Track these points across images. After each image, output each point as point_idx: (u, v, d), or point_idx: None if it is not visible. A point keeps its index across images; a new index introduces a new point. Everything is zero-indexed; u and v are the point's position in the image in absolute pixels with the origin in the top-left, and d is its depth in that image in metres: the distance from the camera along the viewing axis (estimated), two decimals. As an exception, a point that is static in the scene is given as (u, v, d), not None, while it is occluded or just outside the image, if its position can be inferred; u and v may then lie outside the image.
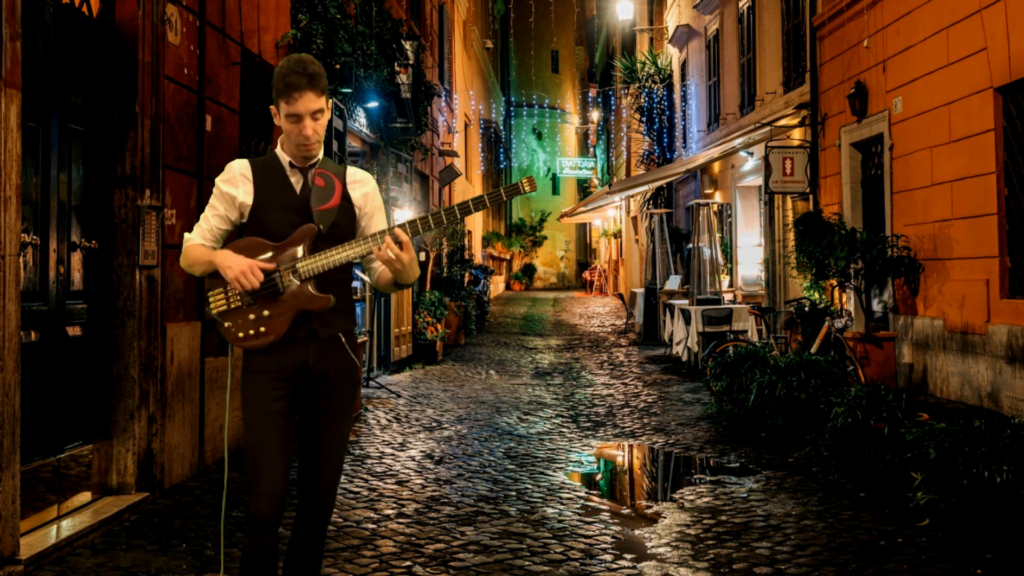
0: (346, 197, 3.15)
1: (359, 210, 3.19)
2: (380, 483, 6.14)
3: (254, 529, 3.00)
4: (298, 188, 3.12)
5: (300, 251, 3.04)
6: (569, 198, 43.03)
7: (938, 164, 8.48)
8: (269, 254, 3.04)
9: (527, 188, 3.00)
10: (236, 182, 3.12)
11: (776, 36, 13.40)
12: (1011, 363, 7.19)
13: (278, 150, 3.16)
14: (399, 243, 2.98)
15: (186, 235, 3.17)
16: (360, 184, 3.21)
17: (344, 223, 3.13)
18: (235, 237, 3.17)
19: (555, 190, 43.43)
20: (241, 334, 3.04)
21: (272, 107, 3.07)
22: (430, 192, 16.56)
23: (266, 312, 3.04)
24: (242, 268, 2.96)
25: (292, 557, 3.27)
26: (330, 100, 3.09)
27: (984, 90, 7.61)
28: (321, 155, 3.16)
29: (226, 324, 3.06)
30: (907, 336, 9.03)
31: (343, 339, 3.17)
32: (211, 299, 3.07)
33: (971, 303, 7.87)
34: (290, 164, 3.13)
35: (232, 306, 3.05)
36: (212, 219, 3.14)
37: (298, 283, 3.03)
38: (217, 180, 3.16)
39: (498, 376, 12.25)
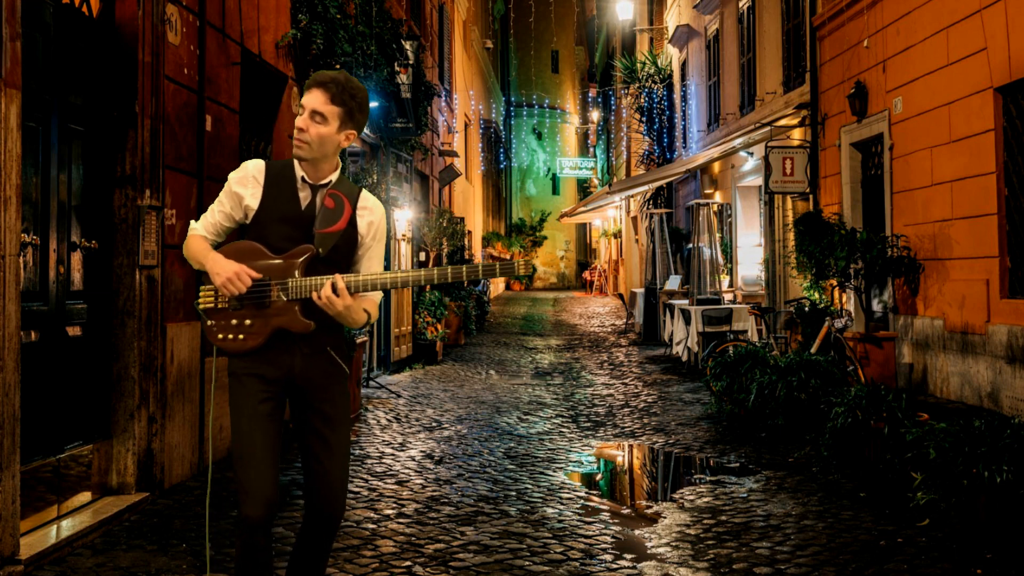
0: (352, 223, 3.10)
1: (361, 238, 3.14)
2: (380, 483, 6.14)
3: (246, 532, 2.98)
4: (304, 204, 3.09)
5: (294, 270, 3.01)
6: (569, 198, 43.02)
7: (938, 164, 8.48)
8: (264, 265, 3.02)
9: (522, 271, 2.97)
10: (247, 182, 3.10)
11: (776, 36, 13.40)
12: (1011, 363, 7.19)
13: (295, 161, 3.13)
14: (337, 292, 2.93)
15: (192, 223, 3.17)
16: (369, 212, 3.15)
17: (344, 248, 3.09)
18: (236, 236, 3.17)
19: (555, 190, 43.41)
20: (221, 335, 3.04)
21: None
22: (430, 192, 16.55)
23: (248, 321, 3.02)
24: (228, 275, 2.95)
25: (296, 562, 3.24)
26: (348, 126, 3.06)
27: (984, 90, 7.61)
28: (337, 176, 3.13)
29: (209, 322, 3.06)
30: (907, 336, 9.03)
31: (331, 351, 3.14)
32: (202, 293, 3.07)
33: (971, 303, 7.87)
34: (302, 179, 3.10)
35: (219, 305, 3.04)
36: (218, 214, 3.13)
37: (285, 301, 3.00)
38: (231, 175, 3.14)
39: (498, 376, 12.25)
